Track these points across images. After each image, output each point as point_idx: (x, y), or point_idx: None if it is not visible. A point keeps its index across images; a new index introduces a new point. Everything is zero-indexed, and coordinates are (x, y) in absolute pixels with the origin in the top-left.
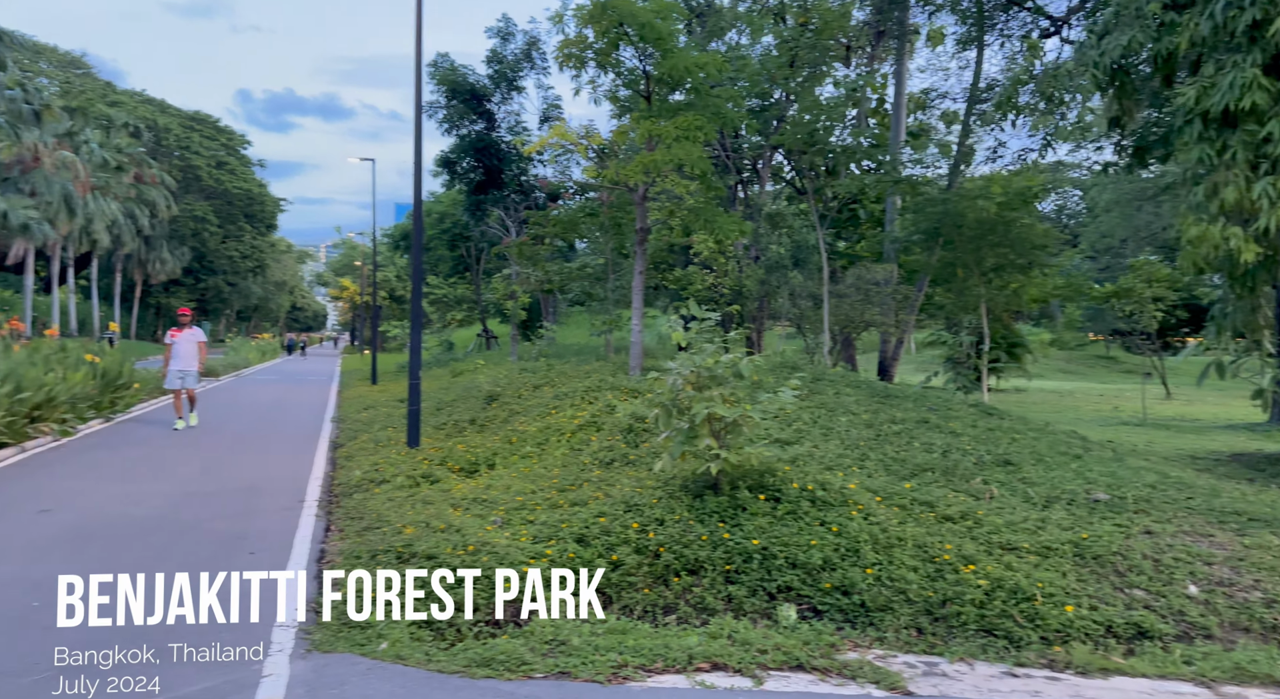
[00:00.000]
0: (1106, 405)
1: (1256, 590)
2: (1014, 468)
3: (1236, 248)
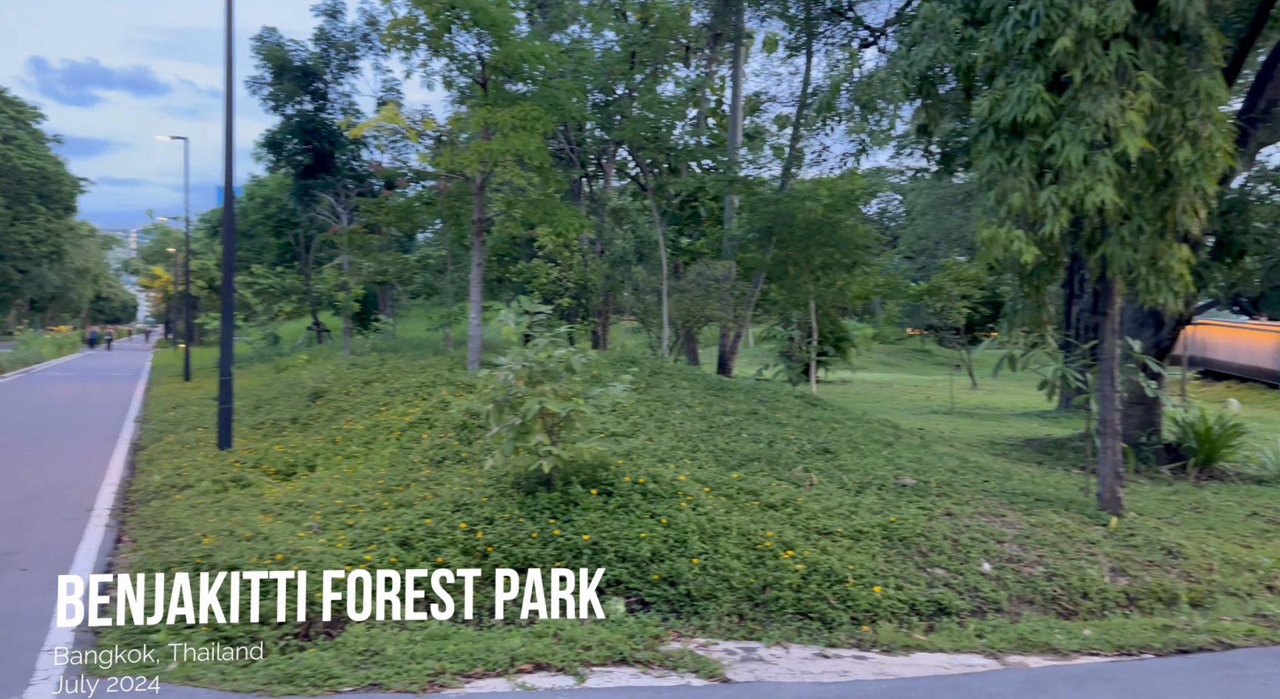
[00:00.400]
0: (920, 395)
1: (1040, 565)
2: (832, 456)
3: (1019, 250)
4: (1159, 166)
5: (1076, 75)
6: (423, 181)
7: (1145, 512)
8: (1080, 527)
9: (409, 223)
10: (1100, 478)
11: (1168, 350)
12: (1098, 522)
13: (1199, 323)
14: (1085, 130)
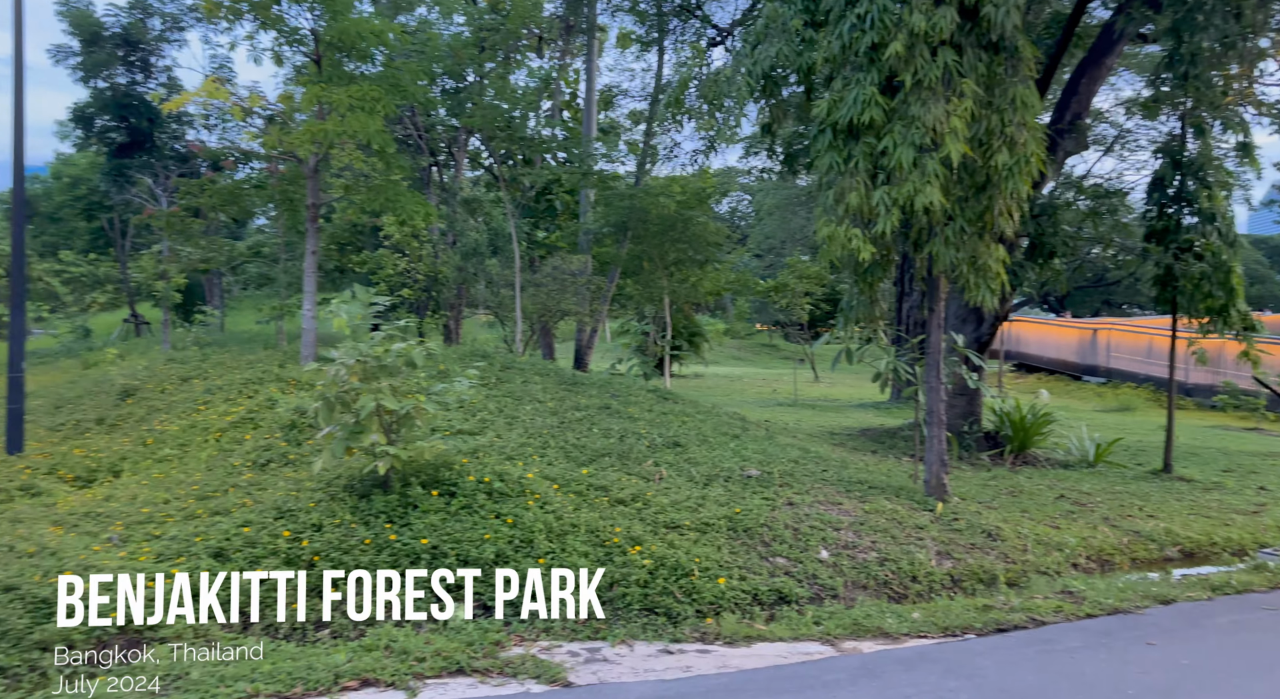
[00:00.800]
0: (767, 388)
1: (873, 551)
2: (682, 449)
3: (857, 248)
4: (980, 170)
5: (907, 79)
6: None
7: (967, 496)
8: (910, 512)
9: (237, 207)
10: (927, 465)
11: (987, 345)
12: (925, 507)
13: (1014, 319)
14: (915, 133)
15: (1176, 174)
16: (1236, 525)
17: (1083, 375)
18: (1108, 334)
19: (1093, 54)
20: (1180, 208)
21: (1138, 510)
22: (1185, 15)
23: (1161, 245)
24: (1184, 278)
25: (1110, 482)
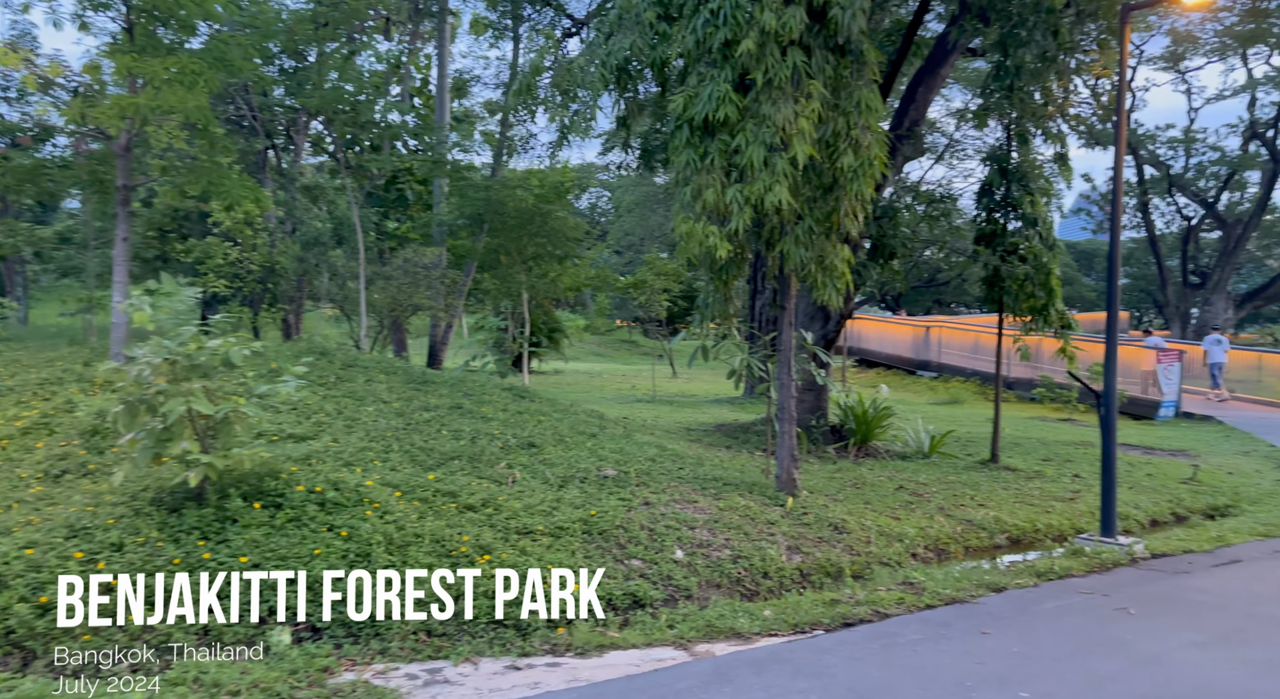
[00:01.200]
0: (627, 385)
1: (727, 548)
2: (537, 450)
3: (714, 245)
4: (827, 172)
5: (759, 78)
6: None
7: (816, 490)
8: (762, 508)
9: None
10: (778, 461)
11: (833, 342)
12: (776, 502)
13: (857, 318)
14: (766, 132)
15: (1003, 181)
16: (1056, 512)
17: (917, 370)
18: (939, 332)
19: (929, 64)
20: (1006, 213)
21: (969, 500)
22: (1010, 30)
23: (989, 248)
24: (1009, 279)
25: (944, 472)
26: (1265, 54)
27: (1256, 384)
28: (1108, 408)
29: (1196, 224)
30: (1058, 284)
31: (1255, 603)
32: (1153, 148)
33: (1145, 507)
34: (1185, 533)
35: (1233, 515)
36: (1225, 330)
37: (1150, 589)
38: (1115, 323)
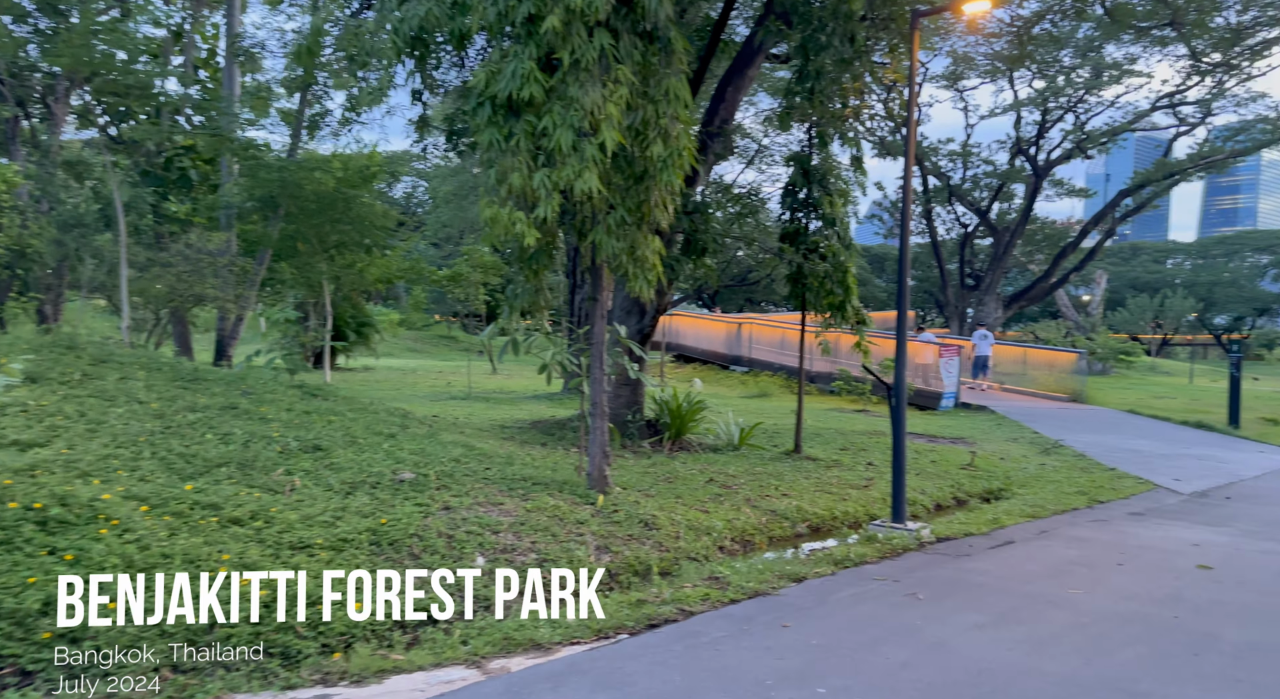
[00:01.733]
0: (442, 381)
1: (533, 552)
2: (323, 453)
3: (521, 232)
4: (638, 161)
5: (565, 58)
6: None
7: (629, 485)
8: (572, 507)
9: None
10: (590, 457)
11: (649, 336)
12: (587, 501)
13: (674, 314)
14: (574, 116)
15: (805, 182)
16: (852, 500)
17: (730, 365)
18: (750, 328)
19: (737, 64)
20: (808, 213)
21: (774, 490)
22: (811, 34)
23: (794, 246)
24: (811, 276)
25: (752, 463)
26: (1028, 77)
27: (1022, 377)
28: (898, 400)
29: (972, 231)
30: (854, 282)
31: (1027, 582)
32: (935, 160)
33: (930, 492)
34: (965, 516)
35: (1005, 498)
36: (995, 328)
37: (937, 573)
38: (905, 320)
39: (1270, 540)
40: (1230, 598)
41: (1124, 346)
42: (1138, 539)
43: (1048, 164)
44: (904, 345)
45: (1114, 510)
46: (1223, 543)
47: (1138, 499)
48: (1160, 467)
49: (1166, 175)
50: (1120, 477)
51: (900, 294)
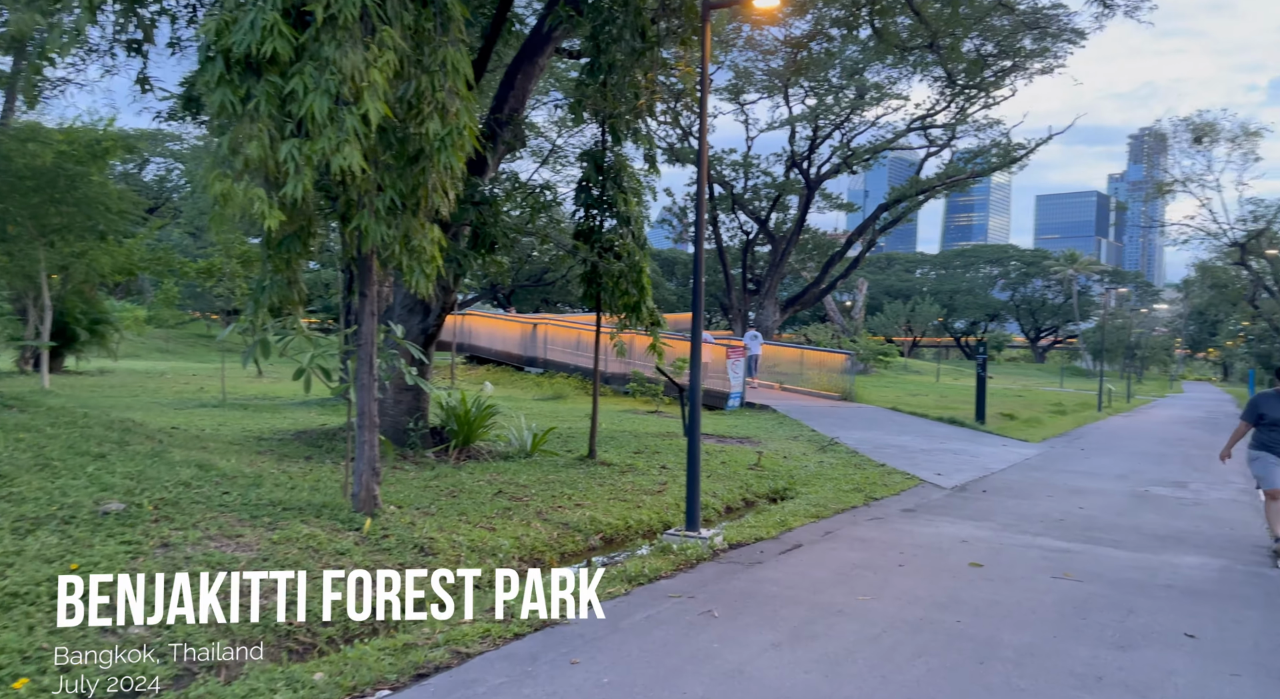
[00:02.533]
0: (194, 386)
1: (277, 593)
2: (3, 480)
3: (261, 213)
4: (413, 138)
5: (319, 12)
6: None
7: (406, 504)
8: (332, 535)
9: None
10: (356, 475)
11: (434, 337)
12: (352, 526)
13: (469, 314)
14: (331, 80)
15: (599, 178)
16: (647, 507)
17: (525, 367)
18: (545, 328)
19: (526, 51)
20: (603, 211)
21: (567, 500)
22: (601, 25)
23: (588, 244)
24: (606, 275)
25: (545, 471)
26: (801, 95)
27: (799, 377)
28: (693, 407)
29: (753, 238)
30: (649, 282)
31: (817, 591)
32: (720, 169)
33: (721, 494)
34: (755, 519)
35: (790, 498)
36: (772, 331)
37: (731, 585)
38: (700, 321)
39: (1024, 533)
40: (1003, 597)
41: (882, 348)
42: (913, 538)
43: (818, 177)
44: (699, 348)
45: (888, 507)
46: (986, 538)
47: (908, 494)
48: (923, 462)
49: (919, 192)
50: (890, 472)
51: (695, 294)
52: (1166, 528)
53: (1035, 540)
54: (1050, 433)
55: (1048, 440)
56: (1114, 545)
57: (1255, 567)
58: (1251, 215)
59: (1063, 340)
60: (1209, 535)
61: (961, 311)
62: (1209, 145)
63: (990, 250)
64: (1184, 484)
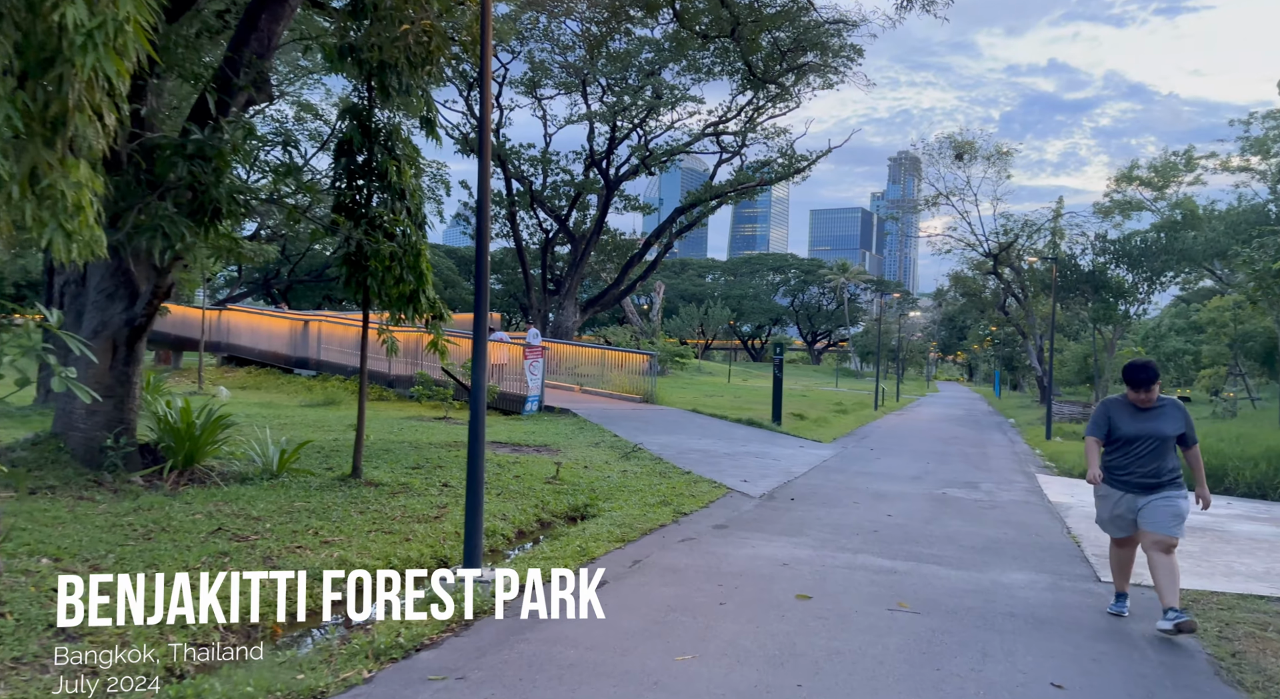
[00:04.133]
0: None
1: None
2: None
3: None
4: (49, 35)
5: None
6: None
7: (70, 552)
8: None
9: None
10: None
11: (144, 329)
12: None
13: (229, 308)
14: None
15: (365, 140)
16: (418, 538)
17: (295, 368)
18: (319, 325)
19: None
20: (370, 181)
21: (312, 536)
22: None
23: (351, 219)
24: (375, 258)
25: (291, 497)
26: (599, 92)
27: (600, 378)
28: (475, 412)
29: (553, 237)
30: (429, 268)
31: (626, 650)
32: (518, 164)
33: (513, 516)
34: (552, 548)
35: (592, 516)
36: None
37: (515, 652)
38: (484, 311)
39: (844, 551)
40: (844, 644)
41: (679, 350)
42: (730, 563)
43: (618, 177)
44: (483, 348)
45: (699, 524)
46: (807, 559)
47: (717, 506)
48: (728, 467)
49: (713, 197)
50: (696, 481)
51: (479, 275)
52: (979, 537)
53: (857, 559)
54: (839, 432)
55: (838, 440)
56: (937, 562)
57: (1078, 582)
58: (1002, 228)
59: (835, 344)
60: (1022, 545)
61: (749, 316)
62: (969, 162)
63: (773, 259)
64: (975, 485)
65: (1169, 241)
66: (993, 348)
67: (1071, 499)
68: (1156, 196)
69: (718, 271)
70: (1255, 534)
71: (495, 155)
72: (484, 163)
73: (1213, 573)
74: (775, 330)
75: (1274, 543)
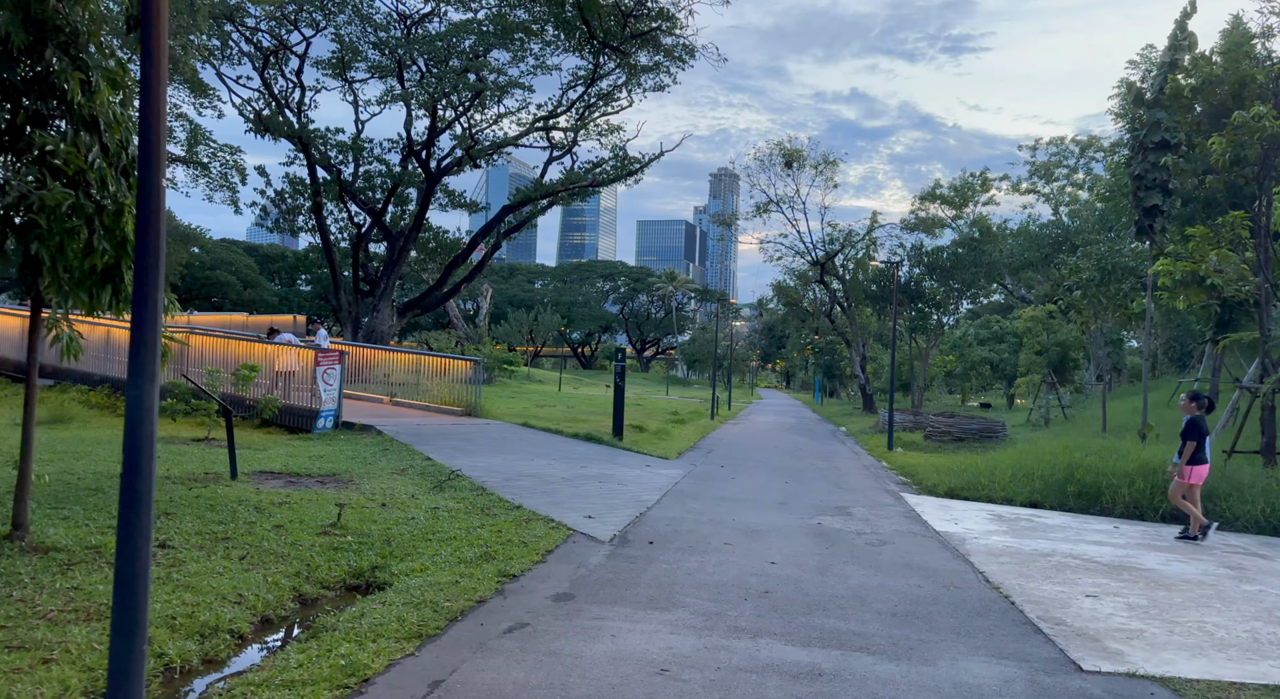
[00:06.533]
0: None
1: None
2: None
3: None
4: None
5: None
6: None
7: None
8: None
9: None
10: None
11: None
12: None
13: None
14: None
15: (28, 37)
16: (69, 659)
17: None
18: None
19: None
20: (46, 100)
21: None
22: None
23: (12, 154)
24: (50, 215)
25: None
26: (418, 77)
27: (416, 388)
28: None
29: (366, 232)
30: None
31: None
32: (325, 149)
33: (256, 593)
34: (300, 660)
35: (381, 586)
36: (390, 336)
37: None
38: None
39: (740, 636)
40: None
41: (507, 357)
42: (584, 677)
43: (439, 170)
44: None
45: (533, 593)
46: (692, 656)
47: (556, 559)
48: (567, 497)
49: (543, 195)
50: (529, 519)
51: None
52: (893, 595)
53: (760, 651)
54: (683, 446)
55: (684, 455)
56: (865, 648)
57: (1056, 674)
58: (828, 238)
59: (663, 352)
60: (949, 606)
61: (579, 323)
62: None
63: (603, 266)
64: (846, 510)
65: (975, 255)
66: (814, 355)
67: (957, 527)
68: (956, 215)
69: (547, 277)
70: (1185, 575)
71: (297, 137)
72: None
73: (1201, 646)
74: (605, 338)
75: (1215, 586)
